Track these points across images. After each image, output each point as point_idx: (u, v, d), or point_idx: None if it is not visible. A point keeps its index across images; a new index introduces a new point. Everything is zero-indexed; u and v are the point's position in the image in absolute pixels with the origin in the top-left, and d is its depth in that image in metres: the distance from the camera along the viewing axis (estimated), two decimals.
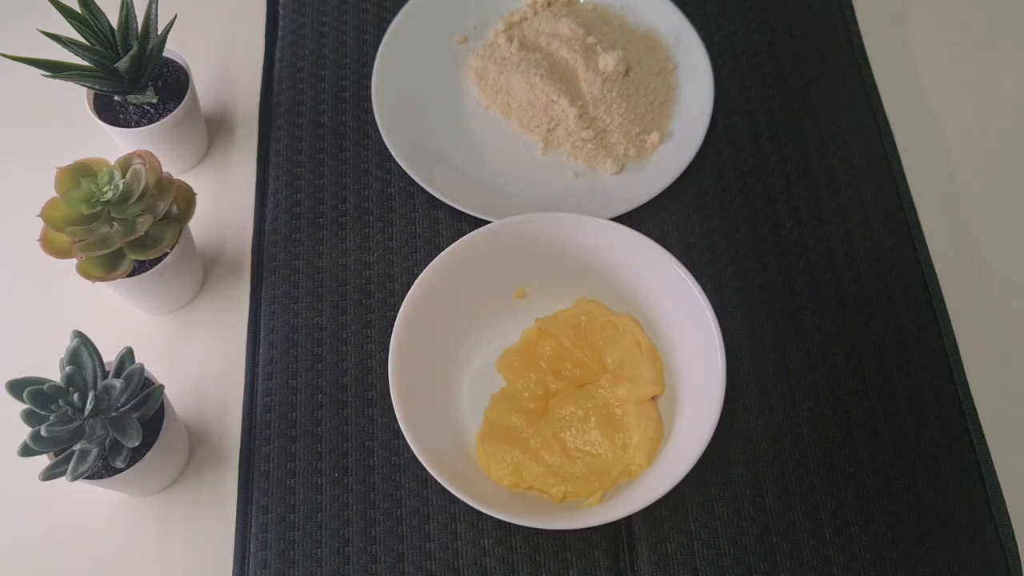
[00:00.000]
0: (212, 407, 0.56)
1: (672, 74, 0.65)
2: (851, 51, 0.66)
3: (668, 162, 0.61)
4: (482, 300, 0.55)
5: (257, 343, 0.57)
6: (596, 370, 0.54)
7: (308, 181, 0.62)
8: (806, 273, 0.58)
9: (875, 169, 0.62)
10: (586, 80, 0.63)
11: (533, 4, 0.68)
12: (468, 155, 0.63)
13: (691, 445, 0.47)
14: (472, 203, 0.59)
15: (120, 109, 0.58)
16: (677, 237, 0.60)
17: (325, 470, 0.53)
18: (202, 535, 0.52)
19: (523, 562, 0.51)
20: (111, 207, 0.50)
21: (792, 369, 0.55)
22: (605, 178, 0.62)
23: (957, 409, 0.54)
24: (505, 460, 0.51)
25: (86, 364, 0.45)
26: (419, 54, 0.66)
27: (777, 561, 0.50)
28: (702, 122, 0.62)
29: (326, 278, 0.59)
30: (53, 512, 0.53)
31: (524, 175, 0.62)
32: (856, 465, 0.53)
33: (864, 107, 0.64)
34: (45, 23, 0.54)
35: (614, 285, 0.55)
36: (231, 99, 0.66)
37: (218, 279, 0.60)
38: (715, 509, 0.52)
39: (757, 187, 0.61)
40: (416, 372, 0.50)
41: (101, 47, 0.53)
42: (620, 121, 0.62)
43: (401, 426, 0.47)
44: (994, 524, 0.51)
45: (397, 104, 0.63)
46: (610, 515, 0.46)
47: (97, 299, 0.58)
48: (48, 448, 0.43)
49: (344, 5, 0.69)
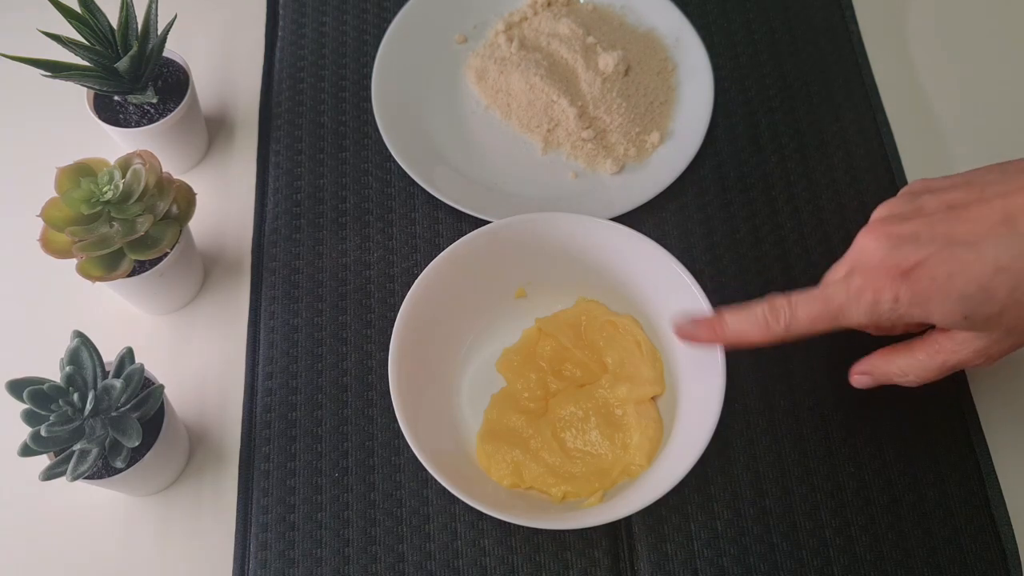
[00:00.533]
0: (212, 407, 0.56)
1: (672, 74, 0.65)
2: (851, 51, 0.66)
3: (668, 162, 0.61)
4: (482, 300, 0.55)
5: (257, 343, 0.57)
6: (596, 370, 0.54)
7: (308, 181, 0.62)
8: (806, 273, 0.58)
9: (875, 169, 0.62)
10: (586, 80, 0.63)
11: (533, 4, 0.68)
12: (468, 155, 0.63)
13: (691, 445, 0.47)
14: (472, 203, 0.59)
15: (120, 109, 0.58)
16: (677, 237, 0.60)
17: (325, 470, 0.53)
18: (202, 535, 0.52)
19: (523, 562, 0.51)
20: (111, 207, 0.50)
21: (792, 369, 0.55)
22: (605, 178, 0.62)
23: (957, 409, 0.54)
24: (505, 460, 0.51)
25: (86, 364, 0.45)
26: (419, 54, 0.66)
27: (778, 561, 0.50)
28: (702, 122, 0.62)
29: (326, 278, 0.59)
30: (53, 512, 0.53)
31: (524, 175, 0.62)
32: (857, 465, 0.53)
33: (864, 107, 0.64)
34: (45, 23, 0.53)
35: (614, 285, 0.55)
36: (231, 99, 0.66)
37: (218, 279, 0.60)
38: (715, 509, 0.52)
39: (757, 187, 0.61)
40: (416, 372, 0.50)
41: (101, 47, 0.53)
42: (620, 121, 0.62)
43: (401, 426, 0.47)
44: (994, 524, 0.51)
45: (397, 104, 0.63)
46: (610, 515, 0.46)
47: (97, 299, 0.58)
48: (48, 448, 0.43)
49: (344, 5, 0.69)
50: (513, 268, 0.55)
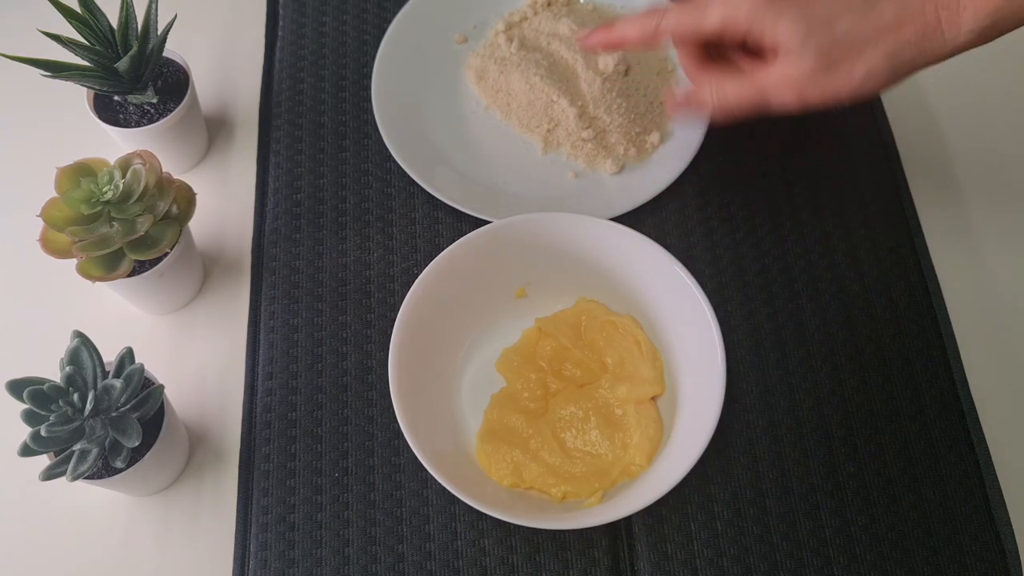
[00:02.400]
0: (212, 407, 0.56)
1: (672, 74, 0.65)
2: None
3: (668, 162, 0.61)
4: (482, 300, 0.55)
5: (257, 343, 0.57)
6: (596, 370, 0.54)
7: (308, 181, 0.62)
8: (806, 273, 0.58)
9: (875, 169, 0.62)
10: (586, 80, 0.63)
11: (533, 4, 0.68)
12: (468, 155, 0.63)
13: (691, 445, 0.47)
14: (472, 203, 0.59)
15: (120, 109, 0.58)
16: (677, 237, 0.60)
17: (325, 470, 0.53)
18: (202, 535, 0.52)
19: (523, 562, 0.51)
20: (111, 207, 0.50)
21: (792, 369, 0.55)
22: (605, 178, 0.62)
23: (957, 409, 0.54)
24: (505, 460, 0.51)
25: (86, 364, 0.45)
26: (419, 54, 0.66)
27: (778, 561, 0.50)
28: (701, 122, 0.62)
29: (326, 278, 0.59)
30: (53, 512, 0.53)
31: (524, 175, 0.62)
32: (857, 465, 0.53)
33: (864, 107, 0.64)
34: (45, 23, 0.54)
35: (614, 285, 0.55)
36: (231, 99, 0.66)
37: (218, 279, 0.60)
38: (715, 509, 0.52)
39: (757, 187, 0.61)
40: (416, 372, 0.50)
41: (101, 47, 0.53)
42: (620, 121, 0.62)
43: (401, 426, 0.47)
44: (994, 524, 0.51)
45: (397, 104, 0.63)
46: (610, 515, 0.46)
47: (97, 299, 0.58)
48: (48, 448, 0.43)
49: (344, 5, 0.69)
50: (513, 268, 0.55)
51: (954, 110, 0.65)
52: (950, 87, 0.66)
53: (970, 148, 0.64)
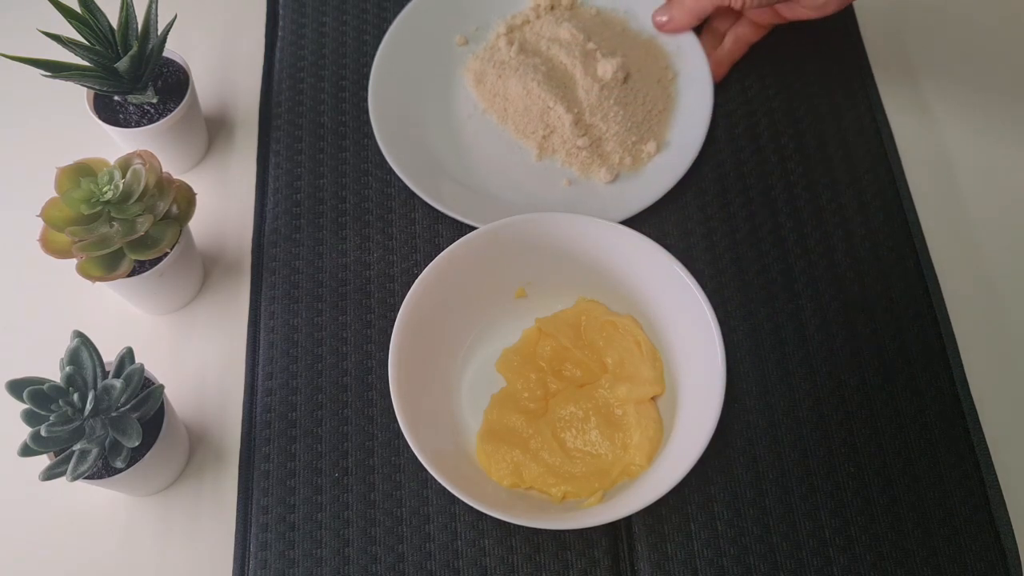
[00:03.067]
0: (212, 407, 0.56)
1: (672, 83, 0.65)
2: (851, 51, 0.66)
3: (663, 172, 0.61)
4: (482, 300, 0.55)
5: (257, 343, 0.57)
6: (596, 370, 0.54)
7: (308, 181, 0.62)
8: (806, 273, 0.58)
9: (875, 169, 0.62)
10: (584, 87, 0.62)
11: (536, 7, 0.67)
12: (462, 159, 0.63)
13: (691, 445, 0.47)
14: (462, 208, 0.58)
15: (120, 109, 0.58)
16: (677, 237, 0.60)
17: (325, 470, 0.53)
18: (202, 535, 0.52)
19: (523, 562, 0.51)
20: (111, 207, 0.50)
21: (792, 369, 0.55)
22: (599, 186, 0.62)
23: (957, 409, 0.54)
24: (505, 460, 0.51)
25: (86, 364, 0.45)
26: (419, 55, 0.66)
27: (778, 561, 0.50)
28: (699, 133, 0.61)
29: (326, 278, 0.59)
30: (53, 512, 0.53)
31: (517, 181, 0.62)
32: (857, 465, 0.53)
33: (864, 107, 0.64)
34: (45, 23, 0.54)
35: (614, 285, 0.55)
36: (231, 99, 0.66)
37: (218, 279, 0.60)
38: (715, 509, 0.52)
39: (757, 187, 0.61)
40: (416, 372, 0.50)
41: (101, 47, 0.53)
42: (616, 129, 0.61)
43: (401, 426, 0.47)
44: (994, 524, 0.51)
45: (395, 106, 0.63)
46: (610, 515, 0.46)
47: (97, 299, 0.58)
48: (48, 448, 0.43)
49: (344, 5, 0.69)
50: (513, 268, 0.55)
51: (954, 110, 0.65)
52: (950, 87, 0.66)
53: (970, 148, 0.64)
